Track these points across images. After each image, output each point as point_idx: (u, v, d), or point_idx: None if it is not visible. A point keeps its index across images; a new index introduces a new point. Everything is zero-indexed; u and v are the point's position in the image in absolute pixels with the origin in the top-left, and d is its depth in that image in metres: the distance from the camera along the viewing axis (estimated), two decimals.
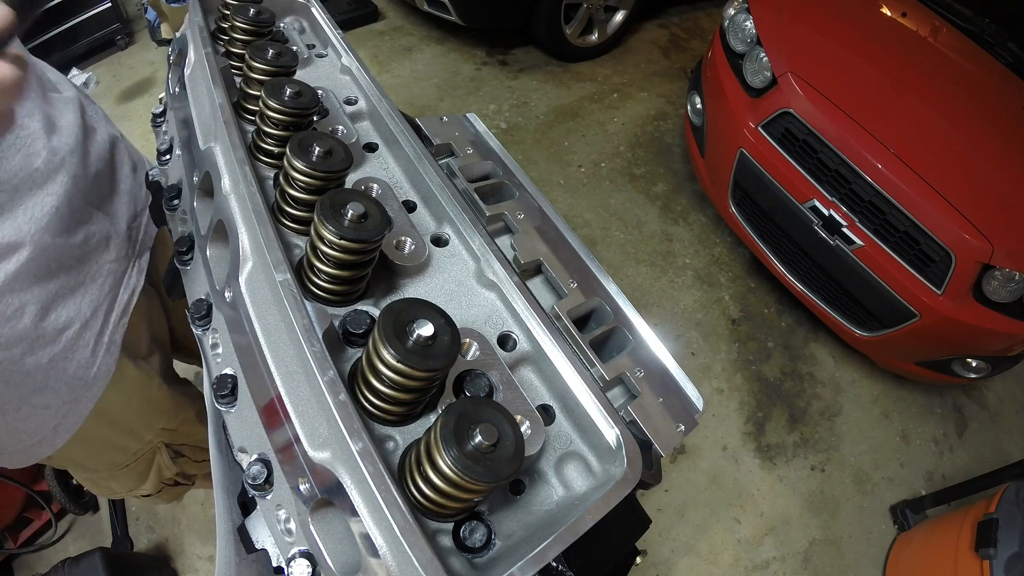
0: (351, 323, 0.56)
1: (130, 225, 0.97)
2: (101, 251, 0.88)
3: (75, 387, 0.85)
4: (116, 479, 1.11)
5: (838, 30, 2.35)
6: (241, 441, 0.55)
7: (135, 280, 0.95)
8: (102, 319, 0.88)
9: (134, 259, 0.97)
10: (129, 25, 3.51)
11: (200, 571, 1.77)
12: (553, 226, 0.79)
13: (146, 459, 1.10)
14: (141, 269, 0.98)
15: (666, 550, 1.96)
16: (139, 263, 0.98)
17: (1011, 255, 1.80)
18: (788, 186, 2.13)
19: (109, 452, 1.04)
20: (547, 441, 0.57)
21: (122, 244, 0.93)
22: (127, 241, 0.95)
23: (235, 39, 0.82)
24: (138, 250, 0.99)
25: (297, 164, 0.58)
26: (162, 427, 1.08)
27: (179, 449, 1.17)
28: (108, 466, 1.07)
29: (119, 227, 0.93)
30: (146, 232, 1.02)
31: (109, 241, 0.90)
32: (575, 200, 2.87)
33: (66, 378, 0.83)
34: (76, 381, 0.85)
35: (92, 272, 0.86)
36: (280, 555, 0.50)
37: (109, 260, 0.90)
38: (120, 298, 0.92)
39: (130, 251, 0.96)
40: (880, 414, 2.44)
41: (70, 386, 0.84)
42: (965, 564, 1.64)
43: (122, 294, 0.92)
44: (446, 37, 3.60)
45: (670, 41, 3.93)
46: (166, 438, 1.10)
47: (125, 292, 0.93)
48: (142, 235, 1.00)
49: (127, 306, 0.93)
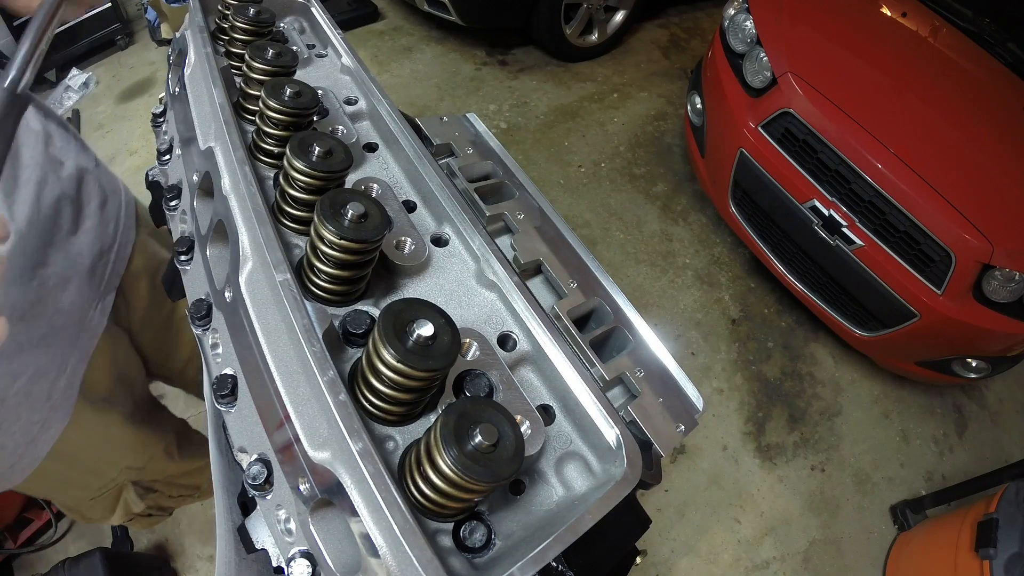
0: (351, 323, 0.56)
1: (94, 264, 0.92)
2: (59, 294, 0.85)
3: (30, 430, 0.83)
4: (84, 510, 1.10)
5: (838, 30, 2.35)
6: (241, 441, 0.55)
7: (96, 323, 0.92)
8: (59, 363, 0.85)
9: (97, 300, 0.92)
10: (129, 25, 3.51)
11: (200, 571, 1.77)
12: (553, 226, 0.79)
13: (112, 495, 1.09)
14: (104, 311, 0.94)
15: (666, 550, 1.96)
16: (102, 304, 0.94)
17: (1011, 255, 1.80)
18: (788, 186, 2.13)
19: (71, 488, 1.03)
20: (547, 441, 0.57)
21: (83, 285, 0.89)
22: (90, 281, 0.91)
23: (235, 39, 0.82)
24: (103, 291, 0.94)
25: (297, 164, 0.58)
26: (127, 466, 1.05)
27: (150, 485, 1.15)
28: (73, 500, 1.06)
29: (80, 267, 0.89)
30: (113, 271, 0.97)
31: (68, 283, 0.86)
32: (575, 200, 2.87)
33: (21, 422, 0.81)
34: (32, 425, 0.83)
35: (49, 316, 0.83)
36: (280, 555, 0.50)
37: (68, 302, 0.86)
38: (80, 342, 0.89)
39: (93, 293, 0.92)
40: (880, 414, 2.44)
41: (25, 430, 0.82)
42: (965, 564, 1.64)
43: (82, 337, 0.89)
44: (446, 37, 3.60)
45: (670, 41, 3.93)
46: (133, 476, 1.09)
47: (85, 336, 0.90)
48: (108, 274, 0.96)
49: (87, 350, 0.90)
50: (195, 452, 1.24)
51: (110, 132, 3.00)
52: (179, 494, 1.26)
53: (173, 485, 1.22)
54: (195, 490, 1.30)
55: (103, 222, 0.96)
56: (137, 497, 1.12)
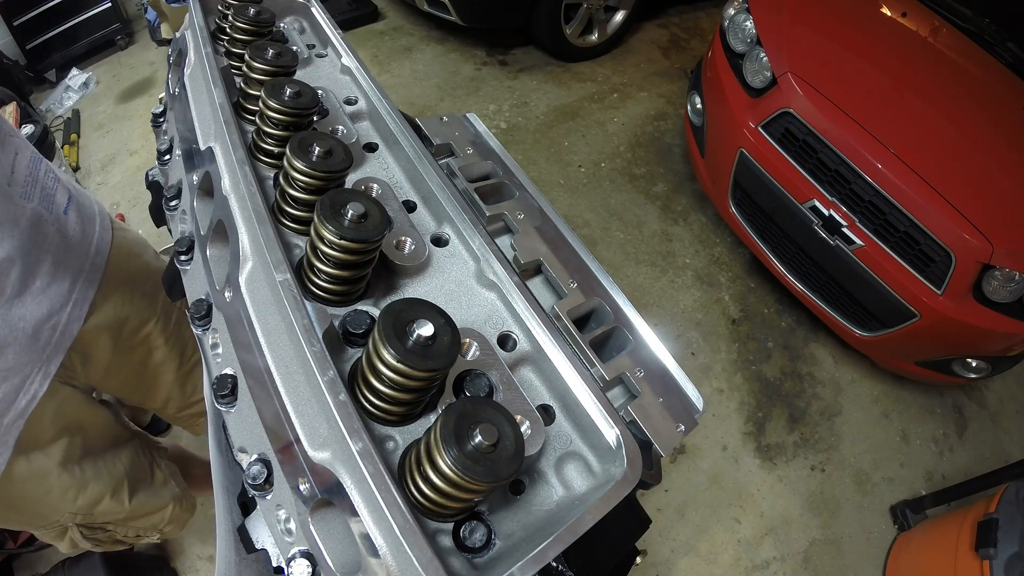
0: (351, 323, 0.56)
1: (39, 327, 0.86)
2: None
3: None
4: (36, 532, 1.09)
5: (838, 30, 2.35)
6: (241, 441, 0.55)
7: (37, 386, 0.88)
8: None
9: (40, 365, 0.88)
10: (129, 25, 3.51)
11: (200, 571, 1.77)
12: (553, 226, 0.79)
13: (57, 531, 1.07)
14: (48, 374, 0.89)
15: (666, 550, 1.96)
16: (46, 368, 0.89)
17: (1011, 255, 1.80)
18: (788, 186, 2.13)
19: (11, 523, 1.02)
20: (547, 441, 0.57)
21: (23, 350, 0.84)
22: (31, 346, 0.86)
23: (235, 39, 0.82)
24: (48, 354, 0.89)
25: (297, 164, 0.58)
26: (70, 511, 1.03)
27: (101, 526, 1.12)
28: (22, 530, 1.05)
29: (20, 332, 0.84)
30: (63, 333, 0.91)
31: (4, 349, 0.82)
32: (575, 200, 2.87)
33: None
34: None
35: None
36: (280, 555, 0.50)
37: (3, 368, 0.82)
38: (17, 404, 0.86)
39: (35, 356, 0.87)
40: (880, 414, 2.44)
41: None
42: (965, 564, 1.64)
43: (20, 400, 0.86)
44: (446, 37, 3.60)
45: (670, 41, 3.93)
46: (79, 519, 1.06)
47: (23, 398, 0.86)
48: (56, 336, 0.90)
49: (24, 410, 0.87)
50: (152, 496, 1.18)
51: (110, 132, 3.00)
52: (135, 534, 1.21)
53: (128, 526, 1.17)
54: (153, 531, 1.24)
55: (56, 281, 0.88)
56: (82, 537, 1.10)
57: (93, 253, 0.98)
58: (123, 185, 2.74)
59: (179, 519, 1.29)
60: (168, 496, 1.24)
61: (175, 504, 1.26)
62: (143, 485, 1.17)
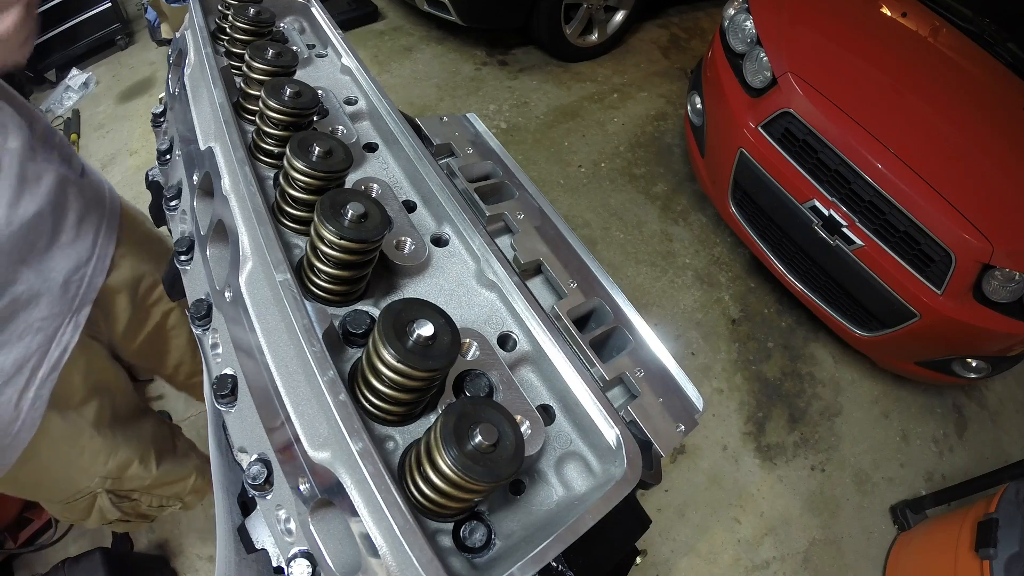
0: (351, 323, 0.56)
1: (68, 279, 0.92)
2: (29, 309, 0.85)
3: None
4: (59, 511, 1.11)
5: (838, 30, 2.35)
6: (241, 441, 0.55)
7: (69, 336, 0.92)
8: (27, 376, 0.86)
9: (70, 315, 0.92)
10: (129, 25, 3.51)
11: (200, 571, 1.77)
12: (553, 226, 0.79)
13: (86, 501, 1.09)
14: (78, 325, 0.94)
15: (666, 550, 1.96)
16: (76, 319, 0.94)
17: (1011, 255, 1.80)
18: (788, 186, 2.13)
19: (43, 493, 1.04)
20: (547, 441, 0.57)
21: (55, 300, 0.89)
22: (62, 297, 0.91)
23: (235, 39, 0.82)
24: (76, 305, 0.94)
25: (297, 164, 0.58)
26: (100, 475, 1.05)
27: (126, 494, 1.15)
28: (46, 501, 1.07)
29: (52, 283, 0.88)
30: (89, 285, 0.96)
31: (39, 299, 0.86)
32: (575, 200, 2.87)
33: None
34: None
35: (18, 331, 0.84)
36: (280, 555, 0.50)
37: (39, 318, 0.86)
38: (50, 355, 0.89)
39: (66, 307, 0.91)
40: (880, 414, 2.44)
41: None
42: (965, 564, 1.64)
43: (53, 351, 0.89)
44: (446, 37, 3.60)
45: (670, 41, 3.93)
46: (108, 485, 1.08)
47: (56, 349, 0.90)
48: (83, 288, 0.95)
49: (57, 362, 0.90)
50: (176, 464, 1.23)
51: (110, 132, 3.00)
52: (159, 504, 1.25)
53: (152, 495, 1.21)
54: (176, 501, 1.29)
55: (81, 236, 0.95)
56: (111, 505, 1.12)
57: (109, 213, 1.04)
58: (123, 185, 2.73)
59: (200, 490, 1.33)
60: (191, 466, 1.29)
61: (197, 474, 1.31)
62: (168, 454, 1.21)
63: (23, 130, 0.85)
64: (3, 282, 0.80)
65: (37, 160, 0.86)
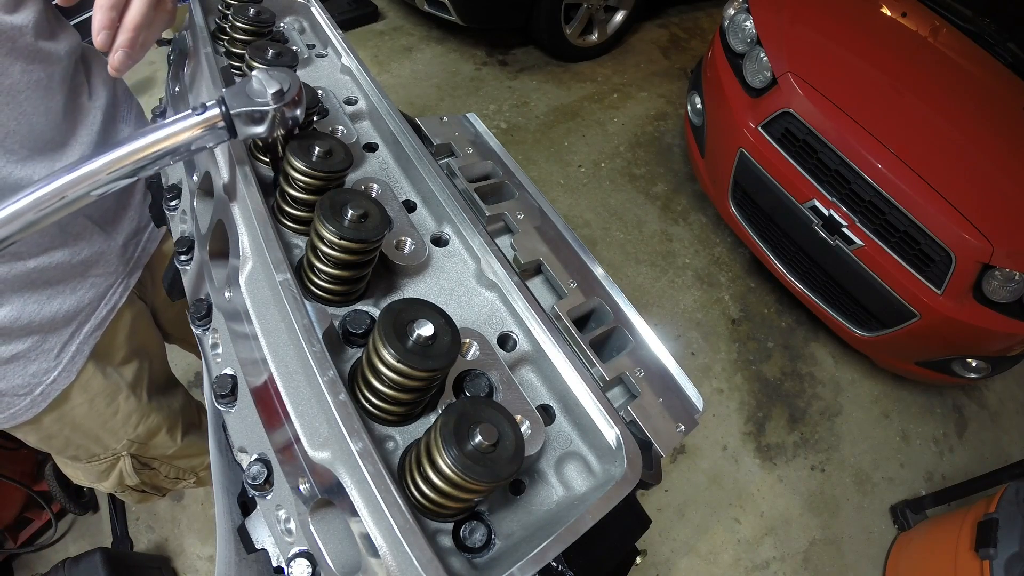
0: (351, 323, 0.56)
1: (127, 242, 0.96)
2: (90, 267, 0.88)
3: (32, 385, 0.86)
4: (77, 469, 1.12)
5: (838, 30, 2.35)
6: (241, 441, 0.55)
7: (117, 297, 0.95)
8: (73, 329, 0.88)
9: (123, 277, 0.96)
10: None
11: (200, 571, 1.77)
12: (553, 226, 0.79)
13: (108, 463, 1.10)
14: (127, 287, 0.97)
15: (666, 550, 1.96)
16: (127, 281, 0.97)
17: (1011, 255, 1.80)
18: (788, 186, 2.13)
19: (70, 449, 1.05)
20: (547, 441, 0.57)
21: (114, 261, 0.93)
22: (120, 258, 0.94)
23: (235, 39, 0.82)
24: (130, 268, 0.97)
25: (297, 164, 0.58)
26: (129, 438, 1.07)
27: (148, 462, 1.17)
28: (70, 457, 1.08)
29: (115, 245, 0.93)
30: (143, 250, 1.00)
31: (101, 258, 0.89)
32: (575, 200, 2.87)
33: (25, 375, 0.85)
34: (33, 379, 0.86)
35: (74, 284, 0.86)
36: (280, 555, 0.50)
37: (95, 275, 0.89)
38: (98, 313, 0.92)
39: (121, 268, 0.95)
40: (880, 414, 2.44)
41: (27, 382, 0.86)
42: (965, 564, 1.64)
43: (101, 308, 0.92)
44: (446, 37, 3.60)
45: (670, 41, 3.93)
46: (133, 449, 1.10)
47: (104, 307, 0.93)
48: (139, 252, 0.99)
49: (103, 320, 0.93)
50: (199, 439, 1.26)
51: None
52: (176, 476, 1.26)
53: (172, 466, 1.23)
54: (192, 475, 1.31)
55: (142, 201, 0.99)
56: (133, 470, 1.14)
57: None
58: None
59: None
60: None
61: None
62: (193, 428, 1.23)
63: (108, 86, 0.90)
64: (73, 238, 0.83)
65: (117, 123, 0.90)
